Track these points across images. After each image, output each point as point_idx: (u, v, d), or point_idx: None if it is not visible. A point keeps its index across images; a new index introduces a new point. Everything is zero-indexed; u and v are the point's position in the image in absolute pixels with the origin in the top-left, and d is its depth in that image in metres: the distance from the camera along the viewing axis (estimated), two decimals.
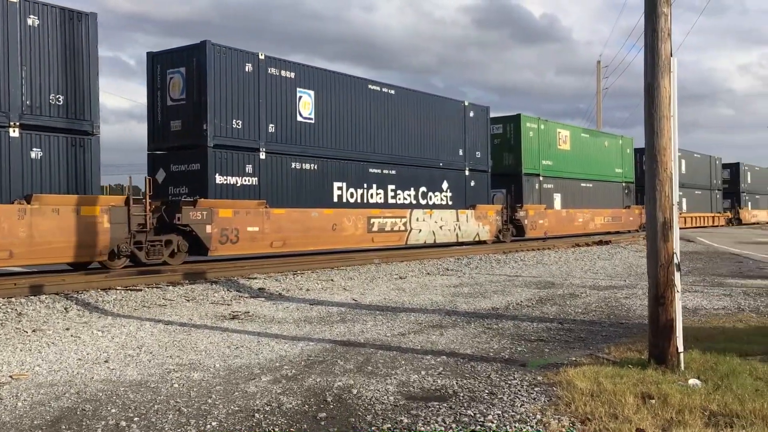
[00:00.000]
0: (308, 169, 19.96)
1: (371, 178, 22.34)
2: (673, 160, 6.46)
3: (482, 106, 28.13)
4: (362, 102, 21.98)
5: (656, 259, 6.42)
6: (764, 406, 4.89)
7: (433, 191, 24.94)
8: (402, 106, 23.61)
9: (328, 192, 20.69)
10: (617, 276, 16.26)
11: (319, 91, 20.30)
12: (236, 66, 17.98)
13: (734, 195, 59.88)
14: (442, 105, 25.75)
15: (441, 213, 24.95)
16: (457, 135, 26.21)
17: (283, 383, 6.20)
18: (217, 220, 16.92)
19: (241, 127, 18.05)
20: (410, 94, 24.33)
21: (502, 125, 30.86)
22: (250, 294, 12.84)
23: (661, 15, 6.38)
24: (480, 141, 27.60)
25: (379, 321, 9.74)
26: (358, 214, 21.43)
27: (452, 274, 16.63)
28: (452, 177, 25.94)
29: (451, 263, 19.27)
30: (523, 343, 8.08)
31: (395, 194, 23.21)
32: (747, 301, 11.55)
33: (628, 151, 41.02)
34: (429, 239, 24.39)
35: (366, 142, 22.14)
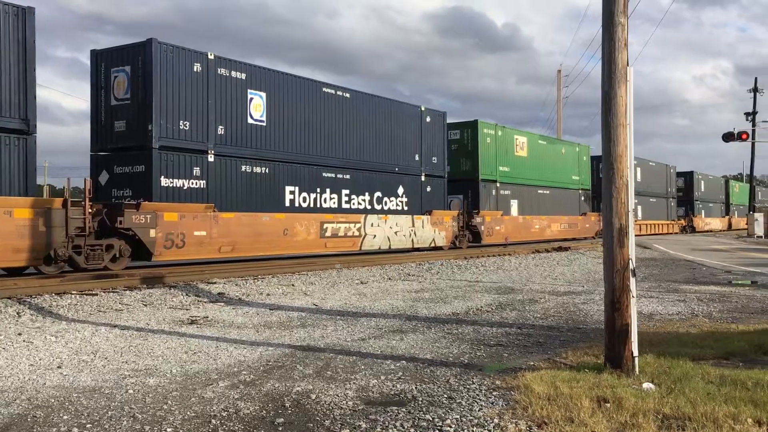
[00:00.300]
0: (259, 172, 19.63)
1: (325, 182, 22.04)
2: (630, 167, 6.58)
3: (439, 112, 28.07)
4: (316, 105, 21.68)
5: (612, 264, 6.53)
6: (715, 409, 4.99)
7: (389, 196, 24.78)
8: (357, 109, 23.40)
9: (280, 196, 20.36)
10: (576, 282, 16.48)
11: (271, 92, 19.97)
12: (184, 65, 17.55)
13: (688, 203, 61.27)
14: (398, 109, 25.57)
15: (396, 218, 24.79)
16: (413, 140, 26.10)
17: (241, 388, 6.14)
18: (161, 224, 16.47)
19: (188, 129, 17.63)
20: (366, 97, 24.13)
21: (460, 131, 30.94)
22: (210, 299, 12.68)
23: (618, 25, 6.50)
24: (436, 146, 27.54)
25: (340, 326, 9.71)
26: (310, 219, 21.11)
27: (413, 280, 16.67)
28: (408, 182, 25.81)
29: (412, 268, 19.32)
30: (483, 347, 8.13)
31: (349, 199, 22.98)
32: (700, 306, 11.81)
33: (584, 158, 41.58)
34: (384, 245, 24.17)
35: (320, 145, 21.83)
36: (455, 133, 30.80)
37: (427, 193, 26.76)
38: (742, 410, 4.96)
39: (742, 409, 4.98)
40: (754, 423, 4.74)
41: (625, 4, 6.55)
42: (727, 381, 5.92)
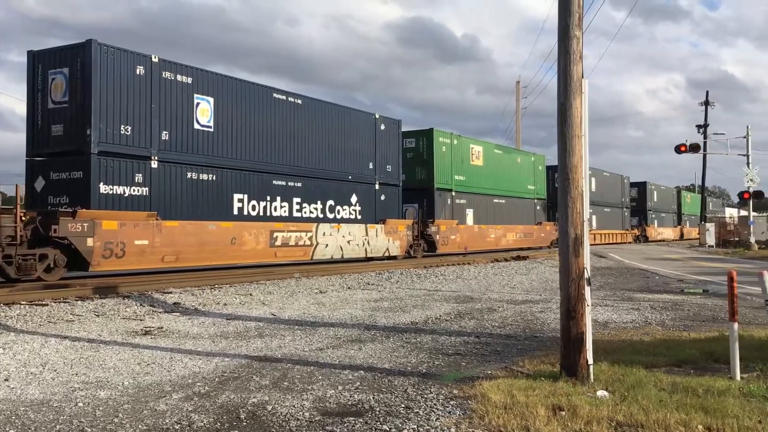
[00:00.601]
0: (206, 179, 19.06)
1: (275, 190, 21.55)
2: (585, 178, 6.68)
3: (394, 120, 27.86)
4: (267, 111, 21.28)
5: (568, 273, 6.60)
6: (667, 416, 5.07)
7: (342, 205, 24.42)
8: (310, 116, 23.06)
9: (228, 204, 19.81)
10: (533, 290, 16.65)
11: (219, 97, 19.47)
12: (125, 68, 16.93)
13: (641, 213, 62.46)
14: (352, 117, 25.30)
15: (349, 227, 24.42)
16: (367, 148, 25.81)
17: (195, 400, 6.02)
18: (100, 232, 15.73)
19: (130, 134, 16.99)
20: (318, 104, 23.84)
21: (415, 139, 30.79)
22: (165, 309, 12.46)
23: (573, 37, 6.61)
24: (391, 154, 27.30)
25: (298, 336, 9.63)
26: (260, 228, 20.57)
27: (373, 289, 16.64)
28: (362, 190, 25.50)
29: (372, 277, 19.29)
30: (441, 356, 8.14)
31: (301, 207, 22.56)
32: (653, 314, 12.03)
33: (540, 168, 41.89)
34: (336, 254, 23.78)
35: (270, 152, 21.37)
36: (410, 142, 30.62)
37: (381, 202, 26.48)
38: (693, 417, 5.05)
39: (693, 416, 5.07)
40: (704, 429, 4.83)
41: (580, 18, 6.66)
42: (678, 388, 6.03)
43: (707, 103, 61.04)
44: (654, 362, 7.32)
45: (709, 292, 16.10)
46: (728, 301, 6.73)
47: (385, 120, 27.06)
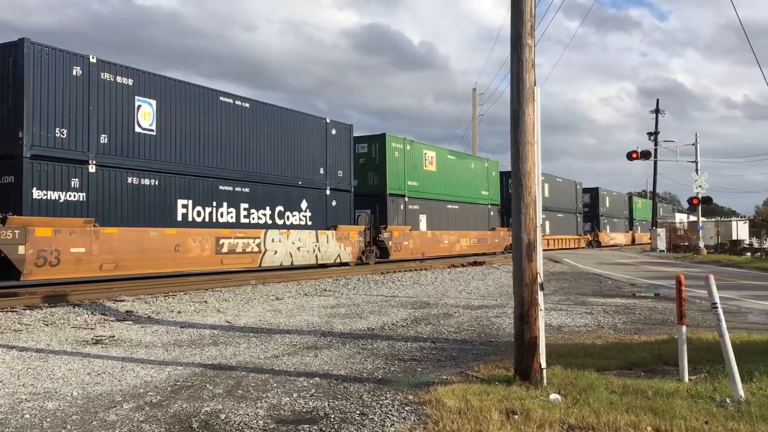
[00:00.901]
0: (148, 184, 18.36)
1: (222, 195, 20.93)
2: (537, 184, 6.77)
3: (345, 124, 27.50)
4: (213, 114, 20.75)
5: (521, 279, 6.68)
6: (617, 418, 5.17)
7: (291, 211, 23.91)
8: (258, 120, 22.56)
9: (171, 210, 19.13)
10: (489, 296, 16.80)
11: (162, 100, 18.83)
12: (61, 68, 16.20)
13: (594, 218, 63.44)
14: (301, 121, 24.83)
15: (299, 233, 23.92)
16: (318, 153, 25.40)
17: (146, 410, 5.91)
18: (32, 240, 14.97)
19: (65, 137, 16.24)
20: (267, 108, 23.29)
21: (367, 144, 30.48)
22: (117, 317, 12.21)
23: (526, 46, 6.71)
24: (342, 160, 26.91)
25: (253, 343, 9.53)
26: (205, 235, 19.94)
27: (330, 295, 16.58)
28: (312, 196, 25.01)
29: (329, 284, 19.23)
30: (397, 362, 8.15)
31: (249, 213, 21.98)
32: (606, 318, 12.25)
33: (494, 173, 42.11)
34: (286, 261, 23.28)
35: (216, 157, 20.82)
36: (363, 147, 30.35)
37: (332, 208, 26.09)
38: (642, 419, 5.15)
39: (642, 418, 5.17)
40: (653, 431, 4.93)
41: (532, 27, 6.76)
42: (629, 390, 6.14)
43: (657, 111, 62.58)
44: (606, 365, 7.44)
45: (660, 296, 16.47)
46: (677, 305, 6.89)
47: (336, 125, 26.74)
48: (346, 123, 27.52)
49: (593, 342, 9.38)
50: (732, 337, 7.10)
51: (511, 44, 6.86)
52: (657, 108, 62.76)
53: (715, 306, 6.07)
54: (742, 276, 24.67)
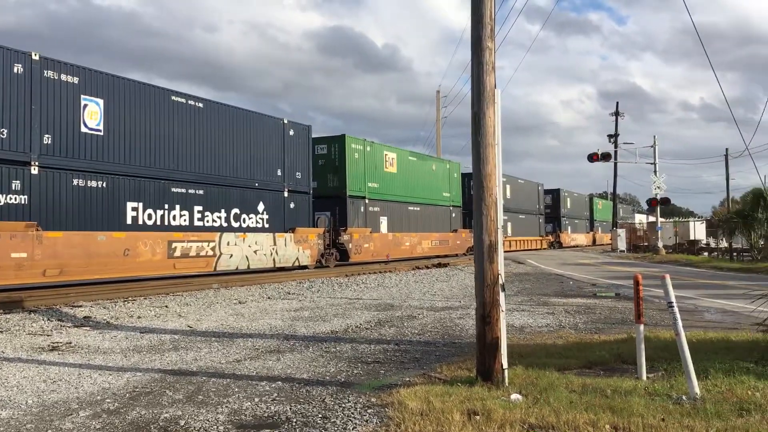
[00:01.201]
0: (95, 187, 17.73)
1: (174, 198, 20.35)
2: (498, 185, 6.82)
3: (303, 125, 26.98)
4: (164, 114, 20.14)
5: (483, 280, 6.72)
6: (577, 417, 5.23)
7: (248, 213, 23.40)
8: (212, 120, 22.03)
9: (120, 213, 18.51)
10: (453, 297, 16.87)
11: (110, 99, 18.22)
12: (0, 66, 15.65)
13: (556, 219, 64.01)
14: (258, 121, 24.30)
15: (256, 236, 23.41)
16: (275, 154, 24.95)
17: (103, 418, 5.79)
18: None
19: (5, 137, 15.65)
20: (222, 108, 22.76)
21: (327, 145, 30.15)
22: (74, 323, 11.96)
23: (486, 49, 6.76)
24: (301, 161, 26.45)
25: (215, 348, 9.42)
26: (156, 238, 19.36)
27: (293, 298, 16.49)
28: (269, 198, 24.53)
29: (292, 287, 19.13)
30: (360, 365, 8.13)
31: (203, 216, 21.44)
32: (567, 318, 12.40)
33: (455, 175, 42.09)
34: (242, 265, 22.75)
35: (168, 158, 20.23)
36: (322, 148, 30.02)
37: (290, 210, 25.64)
38: (600, 417, 5.22)
39: (601, 416, 5.24)
40: (611, 429, 5.00)
41: (492, 30, 6.81)
42: (588, 389, 6.22)
43: (617, 114, 63.65)
44: (566, 365, 7.53)
45: (620, 296, 16.74)
46: (634, 305, 7.00)
47: (294, 125, 26.26)
48: (304, 124, 27.10)
49: (554, 342, 9.48)
50: (689, 336, 7.24)
51: (471, 47, 6.91)
52: (617, 111, 63.84)
53: (672, 305, 6.18)
54: (699, 275, 25.22)
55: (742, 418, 5.21)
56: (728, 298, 15.69)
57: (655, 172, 45.75)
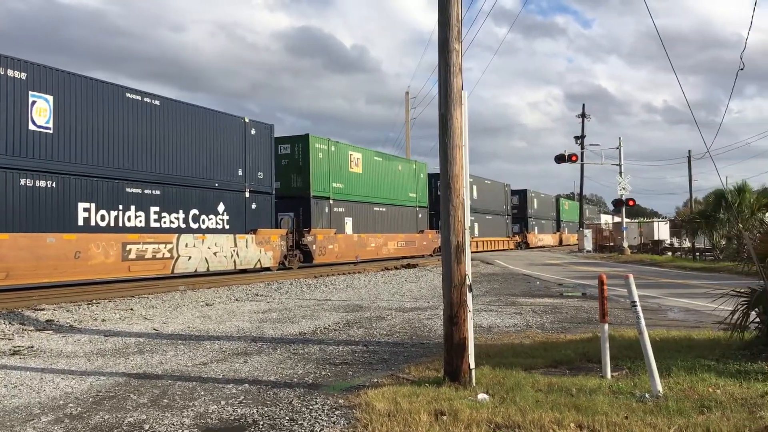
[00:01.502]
0: (44, 186, 17.20)
1: (129, 198, 19.91)
2: (465, 187, 6.86)
3: (265, 124, 26.65)
4: (119, 112, 19.65)
5: (450, 280, 6.75)
6: (542, 416, 5.27)
7: (207, 214, 22.99)
8: (169, 119, 21.55)
9: (71, 214, 18.00)
10: (422, 298, 16.91)
11: (60, 96, 17.73)
12: None
13: (523, 220, 64.62)
14: (218, 120, 23.87)
15: (216, 238, 22.98)
16: (236, 153, 24.57)
17: (65, 423, 5.69)
18: None
19: None
20: (180, 106, 22.28)
21: (290, 145, 29.83)
22: (36, 326, 11.73)
23: (453, 51, 6.79)
24: (263, 161, 26.11)
25: (181, 351, 9.32)
26: (110, 240, 18.87)
27: (261, 300, 16.38)
28: (230, 199, 24.19)
29: (260, 288, 19.00)
30: (328, 367, 8.10)
31: (160, 217, 21.01)
32: (534, 318, 12.51)
33: (422, 175, 42.01)
34: (201, 267, 22.28)
35: (123, 157, 19.73)
36: (286, 148, 29.71)
37: (252, 211, 25.27)
38: (566, 416, 5.28)
39: (566, 415, 5.30)
40: (576, 427, 5.05)
41: (459, 32, 6.85)
42: (554, 388, 6.29)
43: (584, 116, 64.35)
44: (533, 364, 7.60)
45: (586, 295, 16.94)
46: (599, 304, 7.09)
47: (255, 124, 25.88)
48: (266, 123, 26.74)
49: (521, 342, 9.56)
50: (652, 334, 7.37)
51: (438, 49, 6.93)
52: (583, 113, 64.54)
53: (635, 304, 6.28)
54: (663, 274, 25.65)
55: (703, 415, 5.31)
56: (691, 297, 15.99)
57: (621, 174, 46.43)
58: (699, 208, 44.05)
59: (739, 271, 9.78)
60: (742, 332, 8.10)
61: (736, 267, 11.20)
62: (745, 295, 8.24)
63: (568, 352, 8.29)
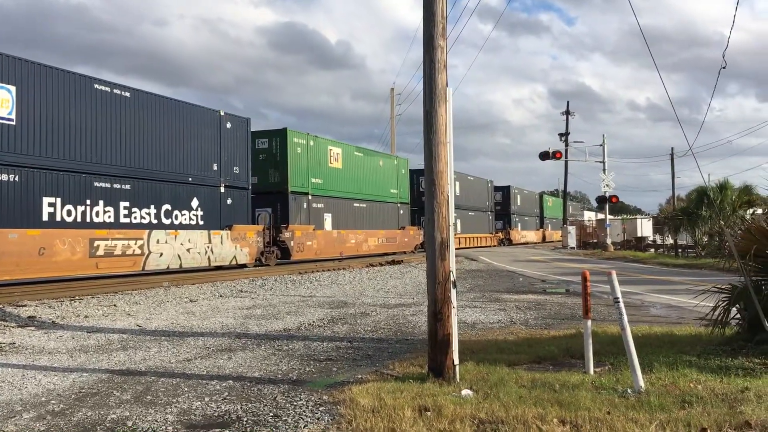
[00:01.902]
0: (6, 180, 16.58)
1: (97, 193, 19.15)
2: (450, 183, 6.87)
3: (242, 118, 25.78)
4: (86, 103, 18.92)
5: (435, 277, 6.77)
6: (525, 411, 5.30)
7: (180, 209, 22.16)
8: (141, 111, 20.75)
9: (35, 209, 17.31)
10: (407, 294, 16.94)
11: (23, 86, 17.10)
12: None
13: (506, 216, 64.13)
14: (192, 113, 23.01)
15: (189, 234, 22.21)
16: (210, 147, 23.74)
17: (48, 420, 5.65)
18: None
19: None
20: (152, 98, 21.45)
21: (268, 139, 29.16)
22: (18, 323, 11.63)
23: (438, 47, 6.79)
24: (239, 155, 25.32)
25: (164, 347, 9.27)
26: (76, 236, 18.15)
27: (246, 296, 16.33)
28: (204, 194, 23.38)
29: (245, 284, 18.95)
30: (313, 363, 8.10)
31: (130, 213, 20.20)
32: (518, 314, 12.57)
33: (403, 171, 41.50)
34: (174, 263, 21.56)
35: (91, 150, 18.98)
36: (263, 142, 29.00)
37: (227, 206, 24.47)
38: (549, 411, 5.31)
39: (549, 410, 5.33)
40: (559, 423, 5.08)
41: (444, 28, 6.86)
42: (537, 384, 6.32)
43: (568, 113, 64.75)
44: (517, 360, 7.64)
45: (569, 292, 17.05)
46: (582, 300, 7.14)
47: (231, 118, 25.06)
48: (242, 116, 25.97)
49: (505, 338, 9.60)
50: (635, 330, 7.43)
51: (423, 46, 6.94)
52: (567, 110, 64.94)
53: (617, 300, 6.33)
54: (646, 271, 25.86)
55: (684, 410, 5.36)
56: (673, 294, 16.13)
57: (605, 170, 46.70)
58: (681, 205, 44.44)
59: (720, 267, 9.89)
60: (723, 328, 8.19)
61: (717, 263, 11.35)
62: (726, 292, 8.34)
63: (551, 348, 8.34)
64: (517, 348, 8.48)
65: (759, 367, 6.88)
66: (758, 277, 8.19)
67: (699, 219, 34.95)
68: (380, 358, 8.40)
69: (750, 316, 8.00)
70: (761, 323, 7.39)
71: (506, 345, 8.80)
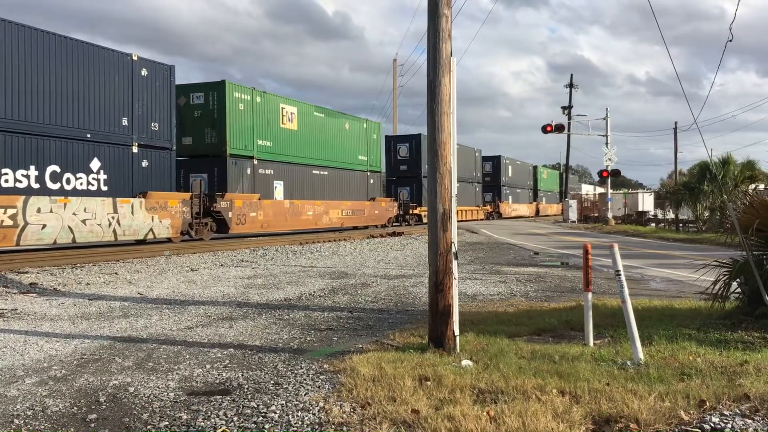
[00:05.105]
0: None
1: None
2: (453, 154, 6.83)
3: (163, 65, 21.59)
4: None
5: (436, 248, 6.76)
6: (525, 382, 5.33)
7: (74, 172, 18.30)
8: (16, 49, 16.82)
9: None
10: (407, 265, 16.97)
11: None
12: None
13: (495, 188, 60.10)
14: (92, 55, 18.97)
15: (86, 202, 18.34)
16: (118, 98, 19.71)
17: (50, 385, 5.69)
18: None
19: None
20: (32, 33, 17.34)
21: (203, 94, 25.16)
22: (20, 290, 11.67)
23: (442, 16, 6.70)
24: (160, 109, 21.18)
25: (166, 315, 9.31)
26: None
27: (247, 266, 16.37)
28: (109, 154, 19.40)
29: (246, 254, 18.99)
30: (313, 332, 8.13)
31: None
32: (519, 287, 12.60)
33: (374, 136, 36.88)
34: (63, 237, 17.69)
35: None
36: (198, 97, 25.07)
37: (142, 170, 20.51)
38: (548, 382, 5.34)
39: (549, 381, 5.36)
40: (558, 393, 5.11)
41: None
42: (537, 355, 6.35)
43: (571, 86, 64.33)
44: (516, 332, 7.66)
45: (569, 265, 17.07)
46: (583, 273, 7.14)
47: (148, 64, 20.88)
48: (164, 63, 21.73)
49: (505, 310, 9.63)
50: (634, 303, 7.44)
51: (428, 14, 6.84)
52: (571, 82, 64.51)
53: (619, 273, 6.32)
54: (647, 245, 25.88)
55: (683, 382, 5.38)
56: (673, 268, 16.16)
57: (607, 144, 46.50)
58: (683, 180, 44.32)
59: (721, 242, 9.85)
60: (723, 302, 8.20)
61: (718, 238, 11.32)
62: (727, 266, 8.33)
63: (551, 320, 8.37)
64: (517, 320, 8.50)
65: (758, 341, 6.91)
66: (759, 251, 8.18)
67: (701, 194, 34.91)
68: (381, 328, 8.44)
69: (750, 290, 8.01)
70: (761, 297, 7.40)
71: (506, 317, 8.83)
